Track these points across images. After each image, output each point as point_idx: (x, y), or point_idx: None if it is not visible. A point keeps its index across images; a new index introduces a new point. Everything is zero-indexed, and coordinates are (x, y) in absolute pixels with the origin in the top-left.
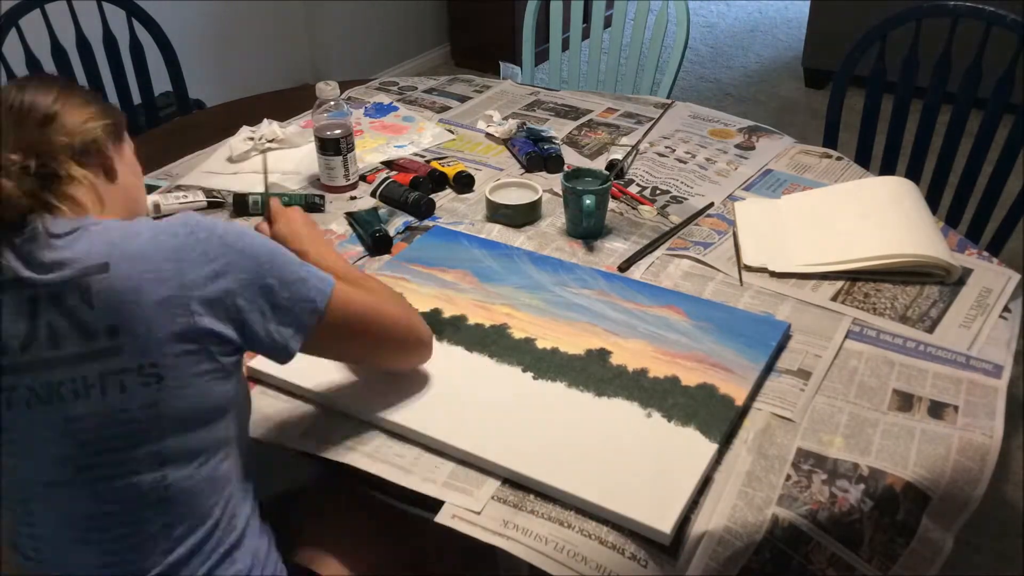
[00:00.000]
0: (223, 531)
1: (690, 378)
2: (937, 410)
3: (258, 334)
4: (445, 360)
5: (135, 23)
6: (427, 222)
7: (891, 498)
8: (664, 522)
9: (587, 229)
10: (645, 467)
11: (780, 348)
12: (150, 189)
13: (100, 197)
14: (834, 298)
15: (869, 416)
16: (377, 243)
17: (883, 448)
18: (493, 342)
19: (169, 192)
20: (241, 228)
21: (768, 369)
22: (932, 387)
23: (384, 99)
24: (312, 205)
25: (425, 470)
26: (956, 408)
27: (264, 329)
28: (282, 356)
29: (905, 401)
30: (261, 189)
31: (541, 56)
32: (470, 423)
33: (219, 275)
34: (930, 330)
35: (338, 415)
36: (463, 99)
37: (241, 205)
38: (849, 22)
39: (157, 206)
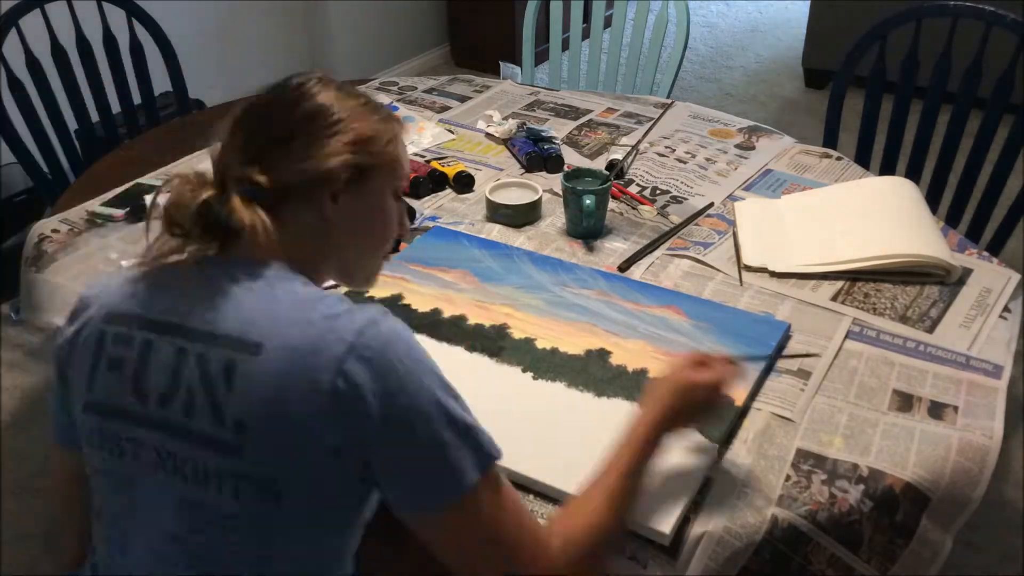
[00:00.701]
0: None
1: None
2: (937, 411)
3: (388, 480)
4: (445, 360)
5: (135, 23)
6: (427, 222)
7: (891, 499)
8: (664, 523)
9: (587, 229)
10: None
11: (780, 348)
12: (149, 189)
13: (290, 244)
14: (834, 298)
15: (869, 416)
16: None
17: (883, 449)
18: (493, 342)
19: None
20: (418, 358)
21: (768, 369)
22: (932, 387)
23: (384, 99)
24: None
25: None
26: (956, 409)
27: (394, 478)
28: (398, 511)
29: (905, 401)
30: None
31: (541, 56)
32: None
33: (368, 407)
34: (930, 330)
35: None
36: (463, 99)
37: None
38: (849, 22)
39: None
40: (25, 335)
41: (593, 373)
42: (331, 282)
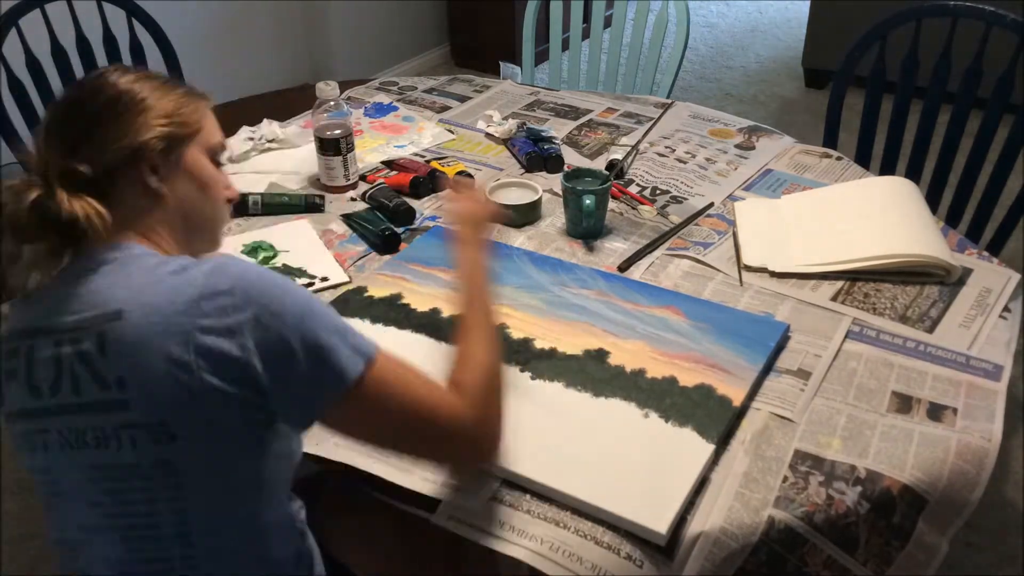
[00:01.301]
0: (255, 561)
1: (688, 379)
2: (936, 412)
3: (276, 399)
4: (443, 360)
5: (135, 23)
6: (427, 222)
7: (888, 501)
8: (660, 523)
9: (587, 229)
10: (642, 468)
11: (779, 349)
12: None
13: (141, 222)
14: (834, 298)
15: (867, 418)
16: (387, 241)
17: (881, 450)
18: None
19: None
20: (274, 277)
21: (767, 370)
22: (931, 389)
23: (384, 99)
24: (312, 205)
25: (425, 470)
26: (955, 411)
27: (282, 395)
28: (298, 426)
29: (904, 403)
30: (261, 189)
31: (541, 56)
32: None
33: (233, 332)
34: (930, 330)
35: None
36: (463, 99)
37: (241, 205)
38: (849, 22)
39: None
40: None
41: (591, 373)
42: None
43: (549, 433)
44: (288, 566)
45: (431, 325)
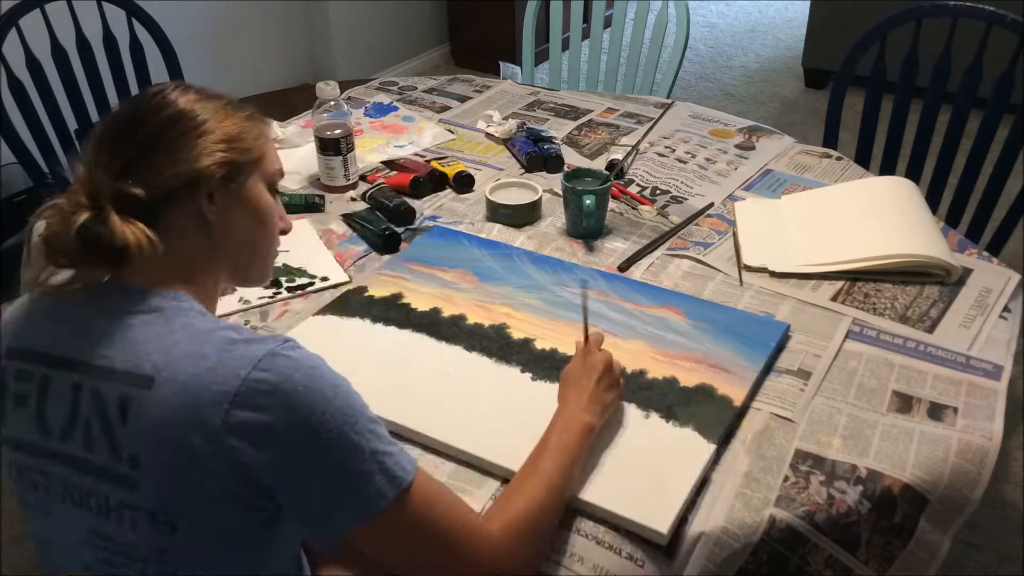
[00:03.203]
0: None
1: (688, 379)
2: (936, 412)
3: (291, 514)
4: (443, 360)
5: (135, 23)
6: (427, 222)
7: (889, 500)
8: (661, 522)
9: (587, 229)
10: (643, 467)
11: (779, 349)
12: None
13: (184, 262)
14: (834, 298)
15: (868, 417)
16: (387, 241)
17: (881, 450)
18: (492, 342)
19: None
20: (323, 385)
21: (767, 370)
22: (932, 389)
23: (384, 99)
24: (312, 205)
25: (426, 469)
26: (956, 410)
27: (298, 513)
28: (324, 543)
29: (904, 403)
30: None
31: (541, 56)
32: (468, 423)
33: (260, 439)
34: (930, 330)
35: None
36: (463, 99)
37: None
38: (849, 22)
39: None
40: None
41: None
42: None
43: None
44: None
45: (431, 325)
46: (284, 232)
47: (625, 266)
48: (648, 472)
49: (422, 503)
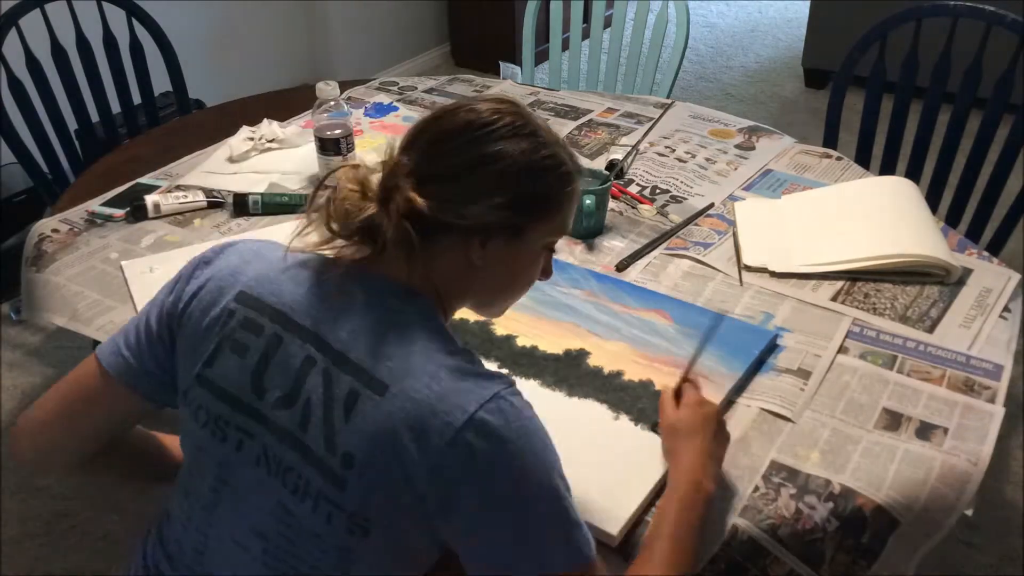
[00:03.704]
0: None
1: (665, 383)
2: (925, 431)
3: (470, 554)
4: None
5: (135, 23)
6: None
7: (858, 519)
8: (612, 524)
9: (587, 229)
10: (604, 469)
11: (764, 358)
12: (149, 189)
13: (443, 281)
14: (834, 298)
15: (852, 433)
16: None
17: (860, 467)
18: (474, 337)
19: (169, 192)
20: (535, 441)
21: (748, 377)
22: (925, 408)
23: (384, 99)
24: None
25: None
26: (946, 431)
27: (476, 562)
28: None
29: (893, 420)
30: (261, 189)
31: (541, 56)
32: None
33: (462, 477)
34: (930, 330)
35: None
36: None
37: (241, 205)
38: (849, 22)
39: (157, 206)
40: (25, 335)
41: (568, 373)
42: None
43: None
44: None
45: None
46: (543, 279)
47: (623, 265)
48: (608, 473)
49: None
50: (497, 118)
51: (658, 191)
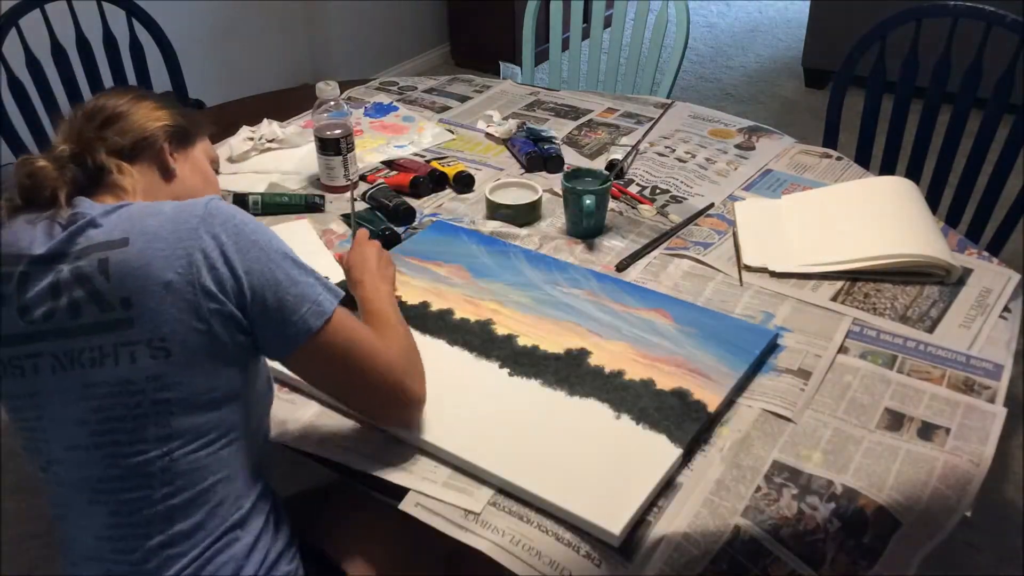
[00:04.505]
0: (226, 511)
1: (665, 382)
2: (927, 431)
3: (256, 327)
4: (426, 352)
5: (135, 23)
6: (429, 218)
7: (860, 520)
8: (615, 523)
9: (587, 229)
10: (606, 468)
11: (765, 356)
12: None
13: (151, 192)
14: (834, 298)
15: (854, 433)
16: (387, 241)
17: (862, 467)
18: (475, 337)
19: None
20: (258, 223)
21: (749, 376)
22: (927, 408)
23: (384, 99)
24: (312, 205)
25: (394, 458)
26: (948, 431)
27: (262, 325)
28: (271, 355)
29: (895, 420)
30: (261, 189)
31: (541, 56)
32: (436, 416)
33: (229, 261)
34: (930, 330)
35: (338, 414)
36: (463, 99)
37: (241, 205)
38: (849, 22)
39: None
40: None
41: (569, 373)
42: None
43: (519, 430)
44: (256, 513)
45: (419, 318)
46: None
47: (623, 265)
48: (611, 473)
49: (350, 318)
50: (102, 94)
51: (658, 191)
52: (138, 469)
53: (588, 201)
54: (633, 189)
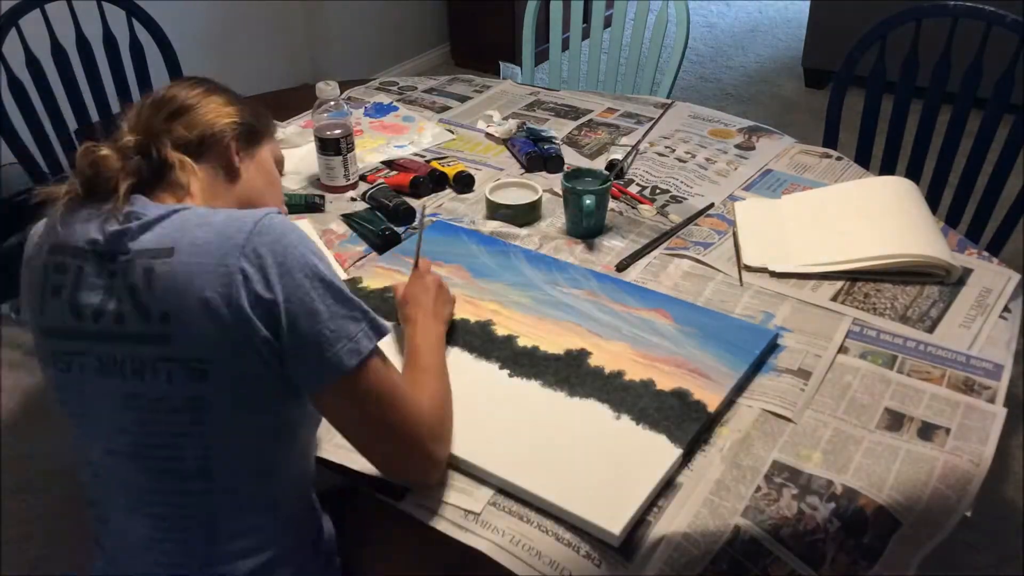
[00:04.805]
0: (267, 522)
1: (665, 382)
2: (927, 432)
3: (287, 356)
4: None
5: (135, 23)
6: (430, 217)
7: (860, 520)
8: (614, 523)
9: (587, 229)
10: (606, 469)
11: (766, 356)
12: None
13: (212, 192)
14: (834, 298)
15: (854, 433)
16: (387, 241)
17: (862, 467)
18: (475, 337)
19: None
20: (309, 245)
21: (749, 376)
22: (927, 408)
23: (384, 99)
24: (312, 205)
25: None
26: (948, 431)
27: (294, 355)
28: (303, 389)
29: (896, 420)
30: None
31: (541, 56)
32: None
33: (270, 284)
34: (930, 330)
35: None
36: (463, 99)
37: None
38: (849, 22)
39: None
40: (25, 335)
41: (569, 373)
42: None
43: (520, 431)
44: (301, 528)
45: None
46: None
47: (623, 265)
48: (610, 473)
49: (387, 361)
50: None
51: (658, 191)
52: (176, 487)
53: (588, 201)
54: (633, 189)
